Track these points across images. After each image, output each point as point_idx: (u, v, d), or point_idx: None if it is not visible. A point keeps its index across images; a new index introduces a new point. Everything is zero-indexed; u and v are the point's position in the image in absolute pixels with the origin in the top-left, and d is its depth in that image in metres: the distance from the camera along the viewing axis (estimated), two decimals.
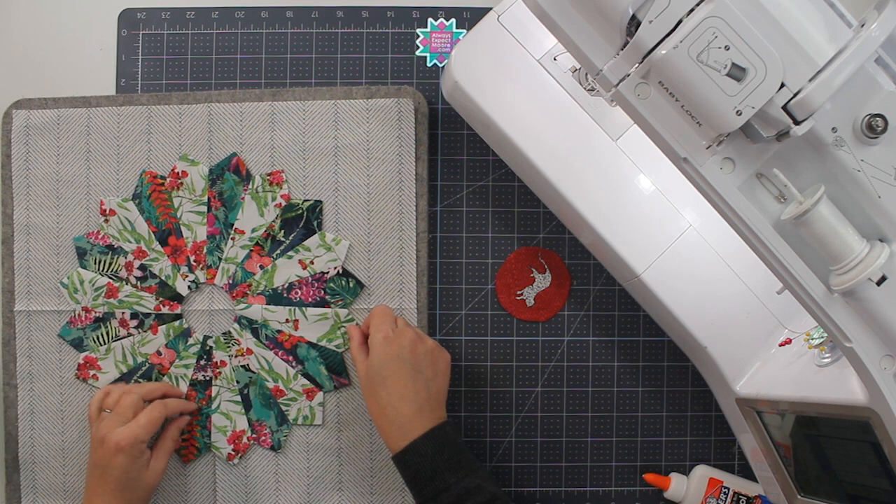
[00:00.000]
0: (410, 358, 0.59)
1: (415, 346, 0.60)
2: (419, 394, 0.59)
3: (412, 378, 0.59)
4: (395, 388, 0.59)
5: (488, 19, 0.60)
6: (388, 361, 0.59)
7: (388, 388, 0.59)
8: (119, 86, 0.69)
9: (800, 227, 0.41)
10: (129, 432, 0.60)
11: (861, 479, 0.51)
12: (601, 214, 0.60)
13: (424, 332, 0.65)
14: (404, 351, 0.59)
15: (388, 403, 0.59)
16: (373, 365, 0.60)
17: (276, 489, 0.68)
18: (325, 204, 0.67)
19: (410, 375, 0.59)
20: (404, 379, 0.59)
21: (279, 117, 0.67)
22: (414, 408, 0.58)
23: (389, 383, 0.59)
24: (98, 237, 0.67)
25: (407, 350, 0.60)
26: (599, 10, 0.39)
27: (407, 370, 0.59)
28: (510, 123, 0.60)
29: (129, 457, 0.60)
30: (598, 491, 0.69)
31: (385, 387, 0.59)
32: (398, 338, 0.60)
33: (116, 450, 0.59)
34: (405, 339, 0.60)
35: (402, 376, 0.59)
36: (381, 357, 0.60)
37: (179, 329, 0.68)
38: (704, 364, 0.64)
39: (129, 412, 0.61)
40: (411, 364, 0.59)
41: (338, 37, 0.70)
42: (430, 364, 0.61)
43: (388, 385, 0.59)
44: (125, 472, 0.60)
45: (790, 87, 0.37)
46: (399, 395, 0.59)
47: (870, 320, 0.41)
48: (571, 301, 0.69)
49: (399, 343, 0.60)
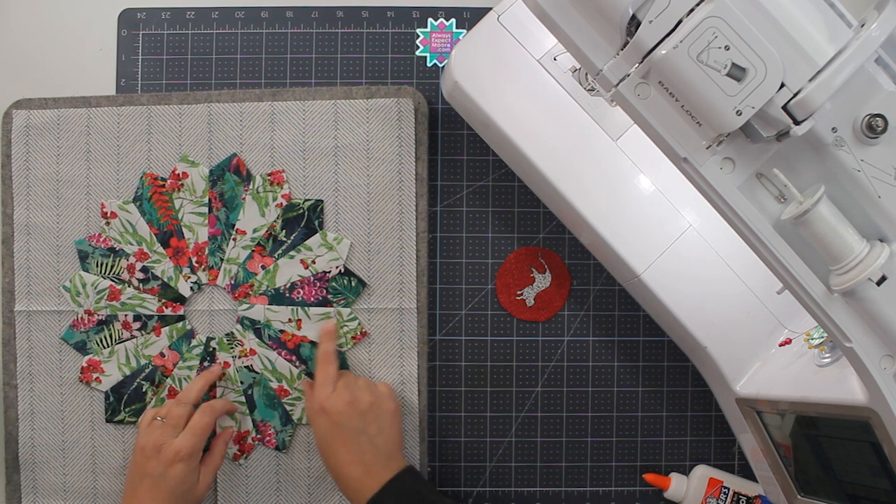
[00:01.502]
0: (349, 422, 0.60)
1: (351, 409, 0.60)
2: (365, 455, 0.59)
3: (354, 441, 0.59)
4: (340, 455, 0.59)
5: (488, 19, 0.60)
6: (329, 429, 0.60)
7: (335, 455, 0.59)
8: (119, 86, 0.69)
9: (800, 227, 0.41)
10: (188, 441, 0.60)
11: (861, 479, 0.51)
12: (601, 214, 0.60)
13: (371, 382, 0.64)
14: (342, 416, 0.60)
15: (338, 469, 0.59)
16: (318, 435, 0.61)
17: (276, 489, 0.68)
18: (325, 204, 0.67)
19: (352, 439, 0.59)
20: (347, 444, 0.59)
21: (279, 117, 0.67)
22: (362, 469, 0.59)
23: (335, 450, 0.59)
24: (99, 240, 0.68)
25: (344, 415, 0.60)
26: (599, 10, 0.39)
27: (348, 434, 0.59)
28: (510, 123, 0.60)
29: (188, 466, 0.59)
30: (598, 491, 0.69)
31: (332, 454, 0.60)
32: (334, 404, 0.60)
33: (176, 458, 0.59)
34: (340, 404, 0.60)
35: (345, 441, 0.59)
36: (321, 426, 0.60)
37: (182, 331, 0.68)
38: (704, 364, 0.64)
39: (183, 422, 0.61)
40: (351, 428, 0.59)
41: (338, 37, 0.70)
42: (373, 420, 0.60)
43: (335, 452, 0.59)
44: (182, 482, 0.59)
45: (790, 87, 0.37)
46: (346, 460, 0.59)
47: (870, 320, 0.41)
48: (571, 301, 0.70)
49: (335, 409, 0.60)
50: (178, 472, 0.59)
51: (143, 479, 0.59)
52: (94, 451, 0.68)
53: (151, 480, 0.59)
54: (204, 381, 0.65)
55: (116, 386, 0.67)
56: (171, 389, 0.68)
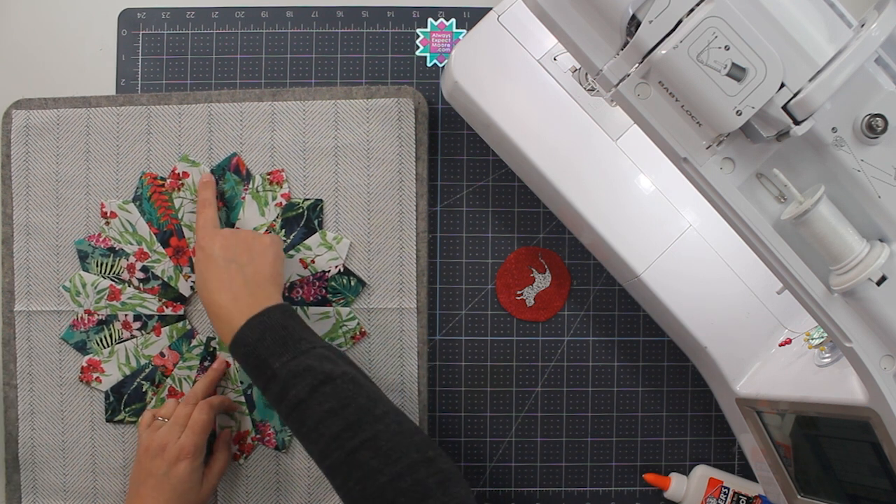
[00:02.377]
0: (221, 252, 0.60)
1: (226, 240, 0.60)
2: (234, 282, 0.58)
3: (224, 269, 0.59)
4: (210, 284, 0.59)
5: (488, 19, 0.60)
6: (203, 263, 0.60)
7: (207, 286, 0.59)
8: (119, 86, 0.69)
9: (800, 227, 0.41)
10: (190, 439, 0.60)
11: (861, 479, 0.51)
12: (601, 214, 0.60)
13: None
14: (215, 248, 0.60)
15: (209, 301, 0.59)
16: (195, 275, 0.61)
17: (276, 489, 0.68)
18: (325, 204, 0.67)
19: (223, 267, 0.59)
20: (217, 272, 0.59)
21: (279, 117, 0.67)
22: (229, 297, 0.58)
23: (206, 282, 0.59)
24: (99, 240, 0.67)
25: (218, 246, 0.60)
26: (599, 10, 0.39)
27: (219, 264, 0.59)
28: (510, 123, 0.60)
29: (192, 465, 0.60)
30: (598, 491, 0.69)
31: (204, 287, 0.59)
32: (210, 239, 0.61)
33: (180, 457, 0.59)
34: (217, 238, 0.61)
35: (215, 271, 0.59)
36: (197, 264, 0.61)
37: (182, 330, 0.68)
38: (704, 364, 0.64)
39: (186, 421, 0.61)
40: (223, 257, 0.60)
41: (338, 37, 0.70)
42: (245, 251, 0.60)
43: (206, 284, 0.59)
44: (184, 480, 0.59)
45: (790, 87, 0.37)
46: (214, 288, 0.58)
47: (870, 320, 0.41)
48: (571, 301, 0.70)
49: (210, 244, 0.60)
50: (182, 470, 0.59)
51: (147, 479, 0.59)
52: (93, 451, 0.68)
53: (155, 479, 0.59)
54: (209, 380, 0.65)
55: (116, 386, 0.67)
56: (170, 389, 0.68)
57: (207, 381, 0.65)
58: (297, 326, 0.57)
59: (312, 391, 0.52)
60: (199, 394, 0.64)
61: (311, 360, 0.54)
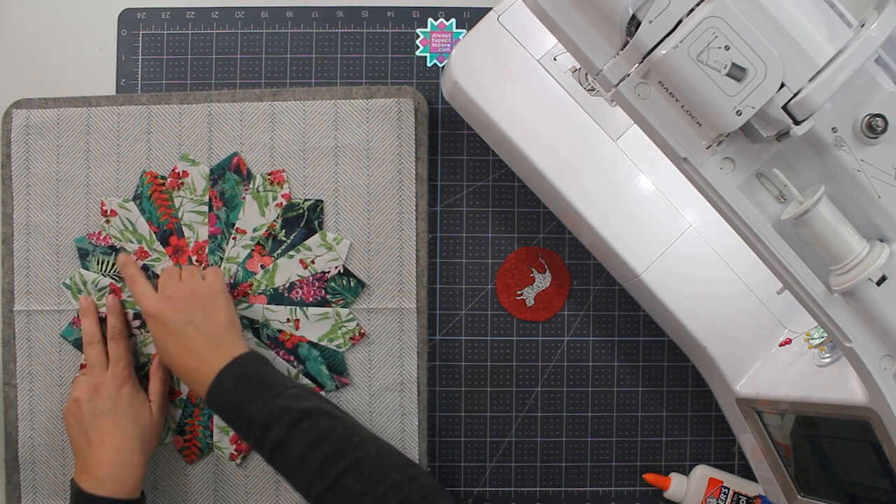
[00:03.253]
0: (173, 315, 0.60)
1: (174, 303, 0.60)
2: (195, 342, 0.59)
3: (182, 332, 0.59)
4: (173, 349, 0.59)
5: (488, 19, 0.60)
6: (159, 330, 0.60)
7: (170, 352, 0.60)
8: (119, 86, 0.69)
9: (800, 227, 0.41)
10: (119, 366, 0.62)
11: (861, 479, 0.51)
12: (601, 214, 0.60)
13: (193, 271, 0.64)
14: (166, 313, 0.60)
15: (175, 365, 0.60)
16: (154, 341, 0.61)
17: (275, 489, 0.68)
18: (325, 204, 0.67)
19: (180, 331, 0.59)
20: (176, 337, 0.59)
21: (279, 117, 0.67)
22: (195, 357, 0.58)
23: (168, 348, 0.60)
24: (100, 238, 0.68)
25: (169, 310, 0.60)
26: (599, 11, 0.39)
27: (175, 328, 0.59)
28: (510, 123, 0.60)
29: (133, 387, 0.62)
30: (598, 491, 0.69)
31: (167, 353, 0.60)
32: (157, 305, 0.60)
33: (119, 384, 0.61)
34: (161, 304, 0.60)
35: (173, 335, 0.59)
36: (154, 335, 0.61)
37: None
38: (704, 364, 0.64)
39: (103, 358, 0.63)
40: (176, 321, 0.60)
41: (338, 37, 0.70)
42: (196, 308, 0.60)
43: (169, 349, 0.60)
44: (133, 403, 0.61)
45: (790, 87, 0.37)
46: (177, 353, 0.59)
47: (870, 320, 0.41)
48: (571, 301, 0.70)
49: (158, 310, 0.60)
50: (126, 395, 0.61)
51: (96, 420, 0.60)
52: None
53: (103, 416, 0.60)
54: (91, 315, 0.66)
55: None
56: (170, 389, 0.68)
57: (91, 318, 0.65)
58: (268, 371, 0.58)
59: (290, 429, 0.54)
60: (93, 333, 0.64)
61: (285, 401, 0.56)
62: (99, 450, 0.59)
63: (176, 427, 0.67)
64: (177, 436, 0.67)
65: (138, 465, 0.60)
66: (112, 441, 0.60)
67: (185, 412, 0.67)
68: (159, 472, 0.68)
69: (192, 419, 0.67)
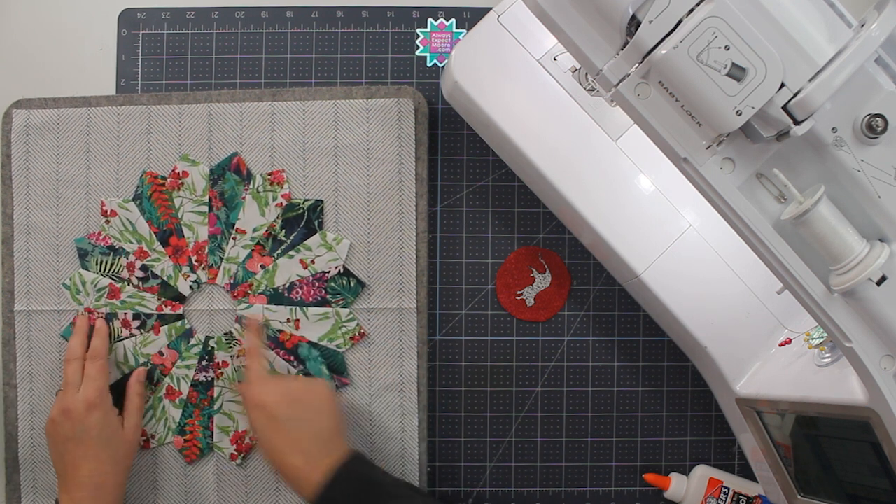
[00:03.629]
0: (284, 411, 0.59)
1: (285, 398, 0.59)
2: (303, 442, 0.58)
3: (291, 430, 0.58)
4: (280, 446, 0.58)
5: (488, 19, 0.60)
6: (265, 424, 0.59)
7: (275, 448, 0.58)
8: (119, 86, 0.69)
9: (800, 227, 0.41)
10: (89, 388, 0.61)
11: (861, 479, 0.51)
12: (601, 214, 0.60)
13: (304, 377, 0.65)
14: (278, 408, 0.59)
15: (280, 463, 0.58)
16: (255, 432, 0.60)
17: (275, 489, 0.68)
18: (325, 204, 0.67)
19: (289, 428, 0.58)
20: (284, 434, 0.58)
21: (279, 117, 0.67)
22: (302, 458, 0.57)
23: (274, 444, 0.58)
24: (99, 238, 0.68)
25: (279, 406, 0.59)
26: (599, 10, 0.39)
27: (284, 424, 0.58)
28: (510, 123, 0.60)
29: (102, 410, 0.61)
30: (598, 491, 0.69)
31: (272, 449, 0.59)
32: (267, 396, 0.59)
33: (88, 408, 0.60)
34: (274, 396, 0.59)
35: (282, 432, 0.58)
36: (257, 422, 0.60)
37: (181, 329, 0.68)
38: (704, 364, 0.64)
39: (79, 377, 0.63)
40: (287, 417, 0.59)
41: (338, 37, 0.70)
42: (308, 407, 0.60)
43: (274, 445, 0.58)
44: (103, 427, 0.60)
45: (790, 87, 0.37)
46: (285, 451, 0.58)
47: (870, 320, 0.41)
48: (571, 301, 0.70)
49: (269, 401, 0.59)
50: (95, 420, 0.60)
51: (67, 444, 0.60)
52: None
53: (74, 441, 0.60)
54: (82, 334, 0.66)
55: (115, 384, 0.67)
56: (168, 388, 0.67)
57: (80, 335, 0.65)
58: (377, 474, 0.58)
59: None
60: (77, 350, 0.64)
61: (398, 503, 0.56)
62: (75, 473, 0.59)
63: (176, 427, 0.67)
64: (177, 436, 0.67)
65: (117, 484, 0.61)
66: (86, 466, 0.59)
67: (186, 412, 0.67)
68: (159, 472, 0.68)
69: (193, 419, 0.67)
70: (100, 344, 0.65)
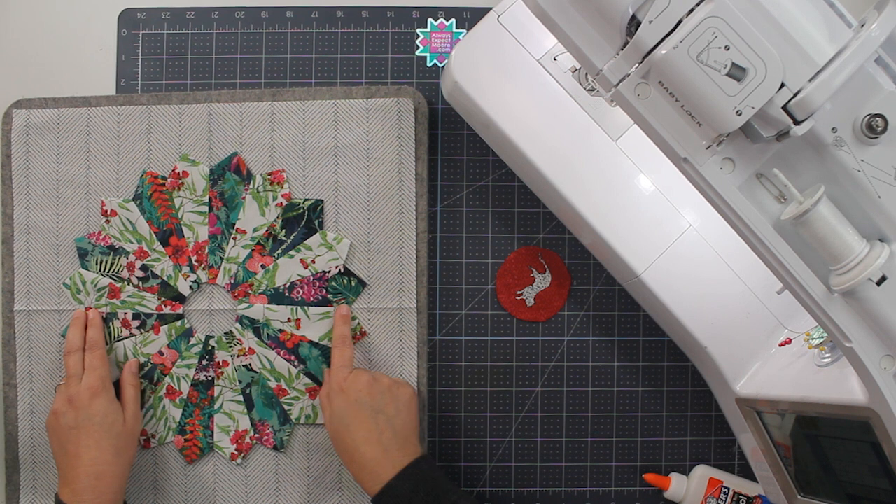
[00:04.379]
0: (368, 400, 0.60)
1: (371, 387, 0.60)
2: (383, 434, 0.59)
3: (373, 419, 0.59)
4: (357, 434, 0.59)
5: (488, 19, 0.60)
6: (346, 408, 0.60)
7: (352, 434, 0.59)
8: (119, 86, 0.69)
9: (800, 227, 0.41)
10: (92, 376, 0.62)
11: (861, 479, 0.51)
12: (601, 214, 0.60)
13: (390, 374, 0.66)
14: (361, 394, 0.60)
15: (354, 449, 0.59)
16: (333, 415, 0.61)
17: (276, 489, 0.68)
18: (325, 204, 0.67)
19: (371, 417, 0.59)
20: (365, 422, 0.59)
21: (279, 117, 0.67)
22: (380, 450, 0.58)
23: (352, 430, 0.59)
24: (99, 238, 0.68)
25: (364, 393, 0.60)
26: (599, 10, 0.39)
27: (366, 413, 0.59)
28: (510, 123, 0.60)
29: (106, 398, 0.61)
30: (598, 491, 0.69)
31: (348, 434, 0.59)
32: (353, 382, 0.61)
33: (92, 395, 0.61)
34: (360, 383, 0.60)
35: (363, 420, 0.59)
36: (338, 405, 0.60)
37: (181, 329, 0.68)
38: (704, 364, 0.64)
39: (80, 369, 0.63)
40: (370, 406, 0.60)
41: (338, 37, 0.70)
42: (391, 401, 0.60)
43: (351, 431, 0.59)
44: (106, 415, 0.61)
45: (790, 87, 0.37)
46: (363, 439, 0.59)
47: (870, 320, 0.41)
48: (571, 301, 0.70)
49: (354, 387, 0.60)
50: (99, 406, 0.61)
51: (70, 433, 0.60)
52: None
53: (78, 429, 0.60)
54: (79, 326, 0.66)
55: (115, 384, 0.67)
56: (169, 388, 0.68)
57: (77, 327, 0.65)
58: (442, 478, 0.59)
59: None
60: (75, 342, 0.64)
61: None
62: (76, 463, 0.59)
63: (176, 427, 0.67)
64: (177, 436, 0.67)
65: (117, 475, 0.60)
66: (87, 454, 0.59)
67: (186, 412, 0.67)
68: (159, 472, 0.68)
69: (193, 419, 0.67)
70: (96, 333, 0.65)
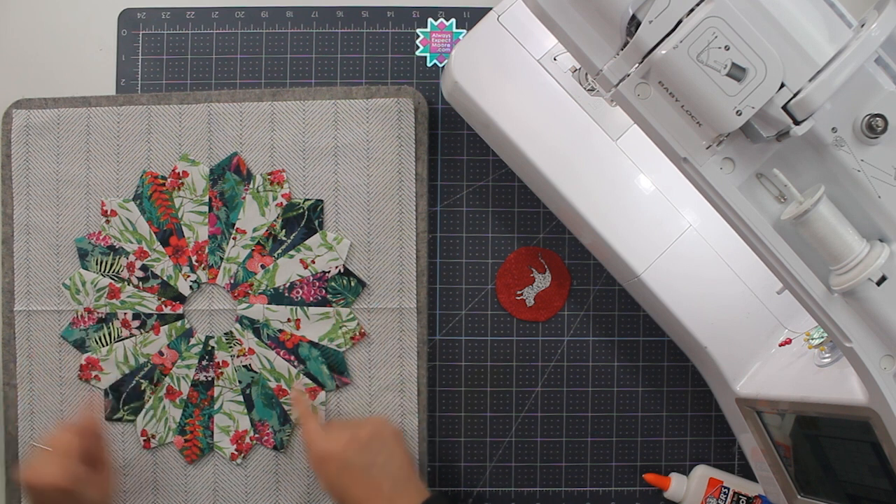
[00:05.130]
0: (356, 458, 0.57)
1: (353, 444, 0.58)
2: (383, 486, 0.57)
3: (367, 476, 0.57)
4: (357, 496, 0.57)
5: (488, 19, 0.60)
6: (338, 474, 0.57)
7: (353, 497, 0.57)
8: (119, 86, 0.69)
9: (800, 227, 0.41)
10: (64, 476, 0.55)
11: (861, 479, 0.51)
12: (601, 214, 0.60)
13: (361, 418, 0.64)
14: (346, 454, 0.57)
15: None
16: (328, 484, 0.58)
17: (276, 489, 0.68)
18: (325, 204, 0.67)
19: (364, 474, 0.57)
20: (360, 481, 0.57)
21: (279, 117, 0.67)
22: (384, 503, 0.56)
23: (351, 493, 0.57)
24: (99, 238, 0.68)
25: (348, 452, 0.57)
26: (599, 10, 0.39)
27: (357, 472, 0.57)
28: (510, 123, 0.60)
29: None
30: (598, 491, 0.69)
31: (350, 498, 0.57)
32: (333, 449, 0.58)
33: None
34: (340, 444, 0.58)
35: (357, 480, 0.57)
36: (328, 474, 0.58)
37: (181, 329, 0.68)
38: (704, 364, 0.64)
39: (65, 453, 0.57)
40: (359, 465, 0.57)
41: (338, 37, 0.70)
42: (379, 448, 0.58)
43: (351, 495, 0.57)
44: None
45: (790, 87, 0.37)
46: (363, 498, 0.56)
47: (870, 320, 0.41)
48: (571, 301, 0.70)
49: (337, 451, 0.58)
50: None
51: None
52: None
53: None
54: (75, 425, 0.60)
55: (115, 384, 0.67)
56: (169, 388, 0.68)
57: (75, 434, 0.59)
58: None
59: None
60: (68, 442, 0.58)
61: None
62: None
63: (176, 427, 0.67)
64: (177, 436, 0.67)
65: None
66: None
67: (186, 412, 0.67)
68: (159, 472, 0.68)
69: (193, 419, 0.67)
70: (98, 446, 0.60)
